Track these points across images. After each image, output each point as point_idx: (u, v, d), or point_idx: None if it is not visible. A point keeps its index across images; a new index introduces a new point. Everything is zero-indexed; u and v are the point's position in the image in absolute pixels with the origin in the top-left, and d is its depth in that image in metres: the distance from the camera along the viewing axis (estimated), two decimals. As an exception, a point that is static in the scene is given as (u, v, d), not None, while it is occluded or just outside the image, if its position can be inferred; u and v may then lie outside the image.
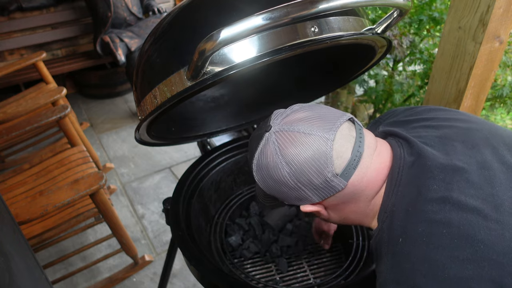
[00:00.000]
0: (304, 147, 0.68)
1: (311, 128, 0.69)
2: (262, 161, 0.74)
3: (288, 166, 0.69)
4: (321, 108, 0.75)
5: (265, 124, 0.77)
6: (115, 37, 3.05)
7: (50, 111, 1.90)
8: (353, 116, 0.75)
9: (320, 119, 0.71)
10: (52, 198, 1.46)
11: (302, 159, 0.68)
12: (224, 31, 0.64)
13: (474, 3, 1.14)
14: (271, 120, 0.76)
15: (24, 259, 0.73)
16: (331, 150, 0.67)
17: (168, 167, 2.78)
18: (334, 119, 0.71)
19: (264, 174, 0.74)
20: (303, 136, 0.69)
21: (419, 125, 0.82)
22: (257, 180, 0.77)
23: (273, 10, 0.65)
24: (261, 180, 0.76)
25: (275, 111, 0.80)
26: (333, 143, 0.68)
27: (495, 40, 1.19)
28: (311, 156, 0.68)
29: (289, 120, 0.73)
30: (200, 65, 0.71)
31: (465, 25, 1.19)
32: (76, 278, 2.00)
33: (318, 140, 0.68)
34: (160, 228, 2.29)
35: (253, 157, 0.76)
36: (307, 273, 1.19)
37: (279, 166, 0.70)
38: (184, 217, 1.13)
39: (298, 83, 1.38)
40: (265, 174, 0.74)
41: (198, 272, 0.96)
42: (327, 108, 0.76)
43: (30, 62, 2.50)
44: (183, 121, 1.30)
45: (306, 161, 0.68)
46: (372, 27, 0.89)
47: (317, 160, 0.67)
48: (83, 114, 3.51)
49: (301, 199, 0.74)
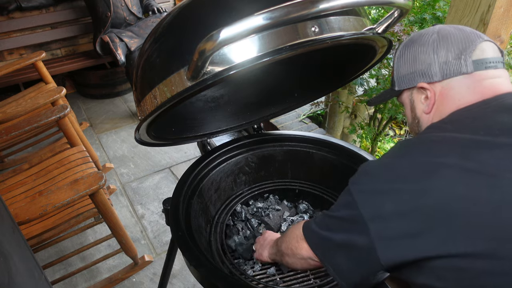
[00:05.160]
0: (458, 29, 0.80)
1: (470, 29, 0.81)
2: (413, 36, 0.85)
3: (437, 34, 0.80)
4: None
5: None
6: (115, 36, 3.05)
7: (50, 111, 1.90)
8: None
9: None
10: (51, 198, 1.46)
11: (452, 32, 0.79)
12: (224, 31, 0.64)
13: (475, 2, 1.14)
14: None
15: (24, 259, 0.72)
16: (479, 43, 0.77)
17: (168, 167, 2.78)
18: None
19: (406, 44, 0.85)
20: (460, 26, 0.82)
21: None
22: (396, 56, 0.88)
23: (273, 9, 0.65)
24: (399, 53, 0.86)
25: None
26: (483, 42, 0.77)
27: (495, 40, 1.19)
28: (461, 35, 0.78)
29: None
30: (200, 65, 0.71)
31: (466, 25, 1.18)
32: (76, 279, 2.00)
33: (472, 32, 0.79)
34: (160, 228, 2.29)
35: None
36: (308, 273, 1.19)
37: (429, 33, 0.82)
38: (184, 217, 1.13)
39: (299, 83, 1.38)
40: (408, 43, 0.85)
41: (198, 273, 0.96)
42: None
43: (30, 62, 2.50)
44: (183, 121, 1.29)
45: (454, 35, 0.78)
46: (372, 27, 0.89)
47: (463, 40, 0.77)
48: (83, 114, 3.51)
49: (423, 74, 0.80)
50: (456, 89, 0.77)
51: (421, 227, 0.63)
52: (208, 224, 1.32)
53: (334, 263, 0.76)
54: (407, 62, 0.84)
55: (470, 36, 0.78)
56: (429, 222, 0.62)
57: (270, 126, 2.76)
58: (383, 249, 0.66)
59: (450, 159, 0.64)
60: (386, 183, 0.68)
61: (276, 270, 1.20)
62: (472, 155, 0.64)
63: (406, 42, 0.87)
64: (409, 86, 0.85)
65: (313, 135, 1.44)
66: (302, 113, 2.84)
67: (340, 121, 2.83)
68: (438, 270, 0.63)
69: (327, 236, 0.77)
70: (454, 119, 0.75)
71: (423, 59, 0.81)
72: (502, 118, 0.69)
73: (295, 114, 2.84)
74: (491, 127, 0.67)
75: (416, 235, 0.63)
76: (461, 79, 0.77)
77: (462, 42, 0.77)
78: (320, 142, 1.41)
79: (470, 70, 0.76)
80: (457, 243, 0.60)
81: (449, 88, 0.78)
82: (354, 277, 0.74)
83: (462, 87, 0.77)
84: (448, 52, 0.77)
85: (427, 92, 0.81)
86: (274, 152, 1.46)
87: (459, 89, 0.77)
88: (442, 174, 0.63)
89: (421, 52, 0.81)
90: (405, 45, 0.86)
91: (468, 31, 0.79)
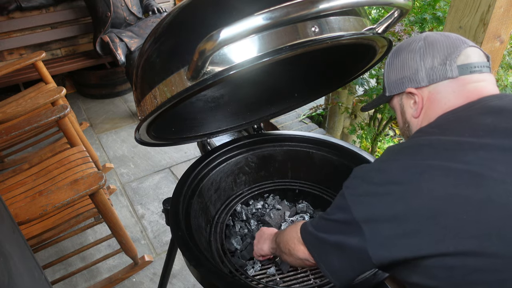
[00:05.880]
0: (444, 36, 0.83)
1: (456, 35, 0.84)
2: (402, 43, 0.88)
3: (423, 41, 0.83)
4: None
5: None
6: (115, 37, 3.05)
7: (50, 111, 1.90)
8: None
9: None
10: (51, 198, 1.46)
11: (437, 39, 0.82)
12: (224, 31, 0.64)
13: (475, 3, 1.14)
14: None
15: (24, 259, 0.72)
16: (463, 48, 0.79)
17: (168, 167, 2.78)
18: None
19: (394, 51, 0.89)
20: (446, 33, 0.84)
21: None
22: (386, 63, 0.90)
23: (273, 10, 0.65)
24: (388, 61, 0.90)
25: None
26: (467, 47, 0.80)
27: (495, 39, 1.19)
28: (446, 42, 0.81)
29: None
30: (200, 65, 0.71)
31: (466, 25, 1.18)
32: (76, 279, 2.00)
33: (458, 38, 0.82)
34: (160, 228, 2.29)
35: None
36: (308, 273, 1.19)
37: (416, 40, 0.85)
38: (184, 217, 1.13)
39: (299, 83, 1.38)
40: (396, 50, 0.88)
41: (198, 273, 0.96)
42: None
43: (30, 62, 2.50)
44: (183, 121, 1.29)
45: (440, 42, 0.81)
46: (372, 27, 0.89)
47: (448, 46, 0.80)
48: (83, 114, 3.51)
49: (411, 80, 0.83)
50: (442, 93, 0.80)
51: (412, 227, 0.64)
52: (208, 224, 1.32)
53: (327, 263, 0.79)
54: (396, 69, 0.87)
55: (455, 42, 0.81)
56: (419, 222, 0.64)
57: (270, 126, 2.76)
58: (375, 249, 0.68)
59: (437, 161, 0.67)
60: (377, 186, 0.71)
61: (276, 270, 1.20)
62: (458, 156, 0.66)
63: (395, 49, 0.90)
64: (398, 91, 0.88)
65: (313, 135, 1.44)
66: (302, 113, 2.84)
67: (340, 121, 2.83)
68: (430, 269, 0.65)
69: (322, 238, 0.80)
70: (441, 122, 0.78)
71: (410, 65, 0.84)
72: (485, 120, 0.71)
73: (295, 114, 2.84)
74: (475, 129, 0.70)
75: (407, 235, 0.65)
76: (447, 83, 0.80)
77: (447, 48, 0.80)
78: (320, 142, 1.41)
79: (455, 75, 0.79)
80: (448, 242, 0.62)
81: (435, 92, 0.81)
82: (346, 275, 0.77)
83: (448, 91, 0.80)
84: (434, 58, 0.81)
85: (415, 97, 0.84)
86: (274, 152, 1.46)
87: (445, 93, 0.80)
88: (430, 176, 0.65)
89: (409, 58, 0.84)
90: (394, 52, 0.90)
91: (454, 37, 0.82)
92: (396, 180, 0.69)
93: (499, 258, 0.59)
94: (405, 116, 0.90)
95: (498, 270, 0.59)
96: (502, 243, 0.59)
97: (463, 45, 0.80)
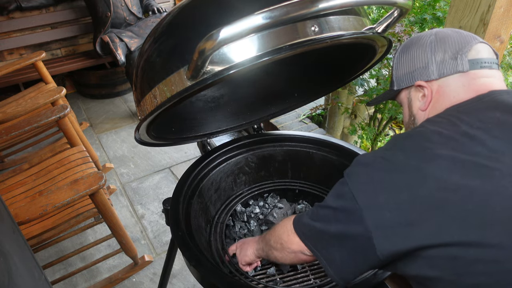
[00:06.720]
0: (455, 31, 0.84)
1: (466, 31, 0.85)
2: (411, 39, 0.89)
3: (434, 36, 0.84)
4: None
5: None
6: (115, 37, 3.05)
7: (50, 111, 1.90)
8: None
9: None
10: (51, 198, 1.46)
11: (449, 34, 0.83)
12: (224, 30, 0.64)
13: (475, 3, 1.14)
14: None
15: (24, 259, 0.72)
16: (474, 44, 0.81)
17: (168, 167, 2.78)
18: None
19: (404, 46, 0.89)
20: (456, 29, 0.86)
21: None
22: (395, 57, 0.91)
23: (273, 9, 0.65)
24: (397, 55, 0.90)
25: None
26: (478, 43, 0.81)
27: (496, 39, 1.19)
28: (457, 37, 0.82)
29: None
30: (200, 64, 0.71)
31: (466, 25, 1.18)
32: (76, 279, 2.00)
33: (468, 34, 0.83)
34: (160, 228, 2.28)
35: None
36: (308, 273, 1.19)
37: (427, 34, 0.85)
38: (184, 217, 1.13)
39: (299, 83, 1.38)
40: (406, 45, 0.89)
41: (198, 273, 0.96)
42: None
43: (30, 62, 2.50)
44: (183, 121, 1.29)
45: (451, 37, 0.82)
46: (372, 27, 0.89)
47: (459, 41, 0.81)
48: (83, 114, 3.51)
49: (421, 73, 0.84)
50: (451, 86, 0.81)
51: (417, 216, 0.64)
52: (208, 224, 1.32)
53: (327, 255, 0.76)
54: (406, 63, 0.88)
55: (466, 37, 0.82)
56: (424, 212, 0.64)
57: (270, 126, 2.76)
58: (380, 238, 0.67)
59: (444, 150, 0.66)
60: (382, 173, 0.69)
61: (276, 270, 1.20)
62: (466, 147, 0.66)
63: (405, 44, 0.90)
64: (407, 85, 0.89)
65: (313, 135, 1.44)
66: (302, 113, 2.84)
67: (340, 121, 2.83)
68: (433, 259, 0.64)
69: (320, 228, 0.77)
70: (449, 113, 0.78)
71: (421, 59, 0.84)
72: (494, 113, 0.71)
73: (295, 114, 2.84)
74: (484, 122, 0.70)
75: (412, 224, 0.64)
76: (457, 77, 0.80)
77: (459, 42, 0.81)
78: (320, 142, 1.41)
79: (466, 69, 0.79)
80: (452, 231, 0.62)
81: (445, 85, 0.81)
82: (347, 268, 0.74)
83: (458, 84, 0.80)
84: (445, 52, 0.81)
85: (425, 90, 0.85)
86: (274, 152, 1.46)
87: (455, 86, 0.80)
88: (437, 165, 0.65)
89: (420, 52, 0.85)
90: (404, 46, 0.90)
91: (465, 33, 0.83)
92: (401, 169, 0.68)
93: (502, 249, 0.59)
94: (412, 109, 0.90)
95: (501, 261, 0.60)
96: (506, 234, 0.59)
97: (474, 40, 0.81)
